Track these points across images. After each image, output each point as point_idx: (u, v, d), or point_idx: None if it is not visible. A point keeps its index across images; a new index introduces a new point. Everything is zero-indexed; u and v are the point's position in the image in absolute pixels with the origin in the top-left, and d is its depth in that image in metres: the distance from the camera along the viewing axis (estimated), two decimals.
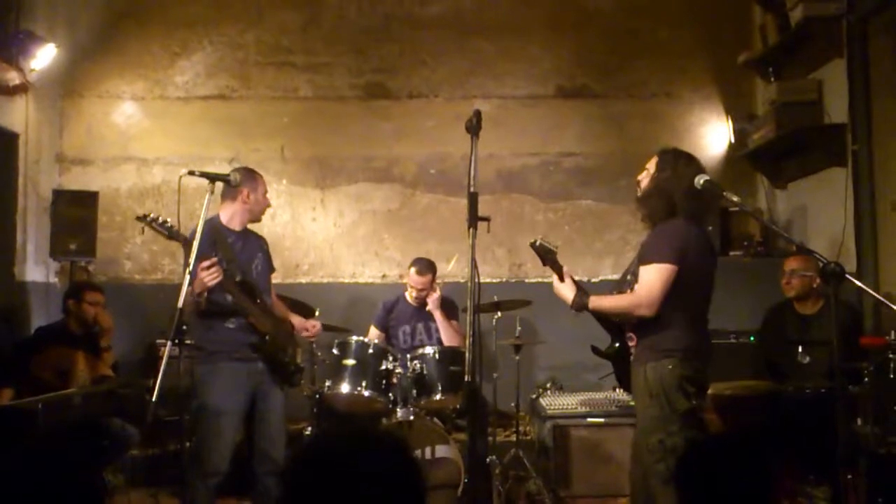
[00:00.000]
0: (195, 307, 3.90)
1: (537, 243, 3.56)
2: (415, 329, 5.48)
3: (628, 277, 3.56)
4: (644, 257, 3.42)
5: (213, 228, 4.08)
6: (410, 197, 6.75)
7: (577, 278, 3.67)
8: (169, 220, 3.80)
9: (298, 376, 4.33)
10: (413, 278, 5.44)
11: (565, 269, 3.61)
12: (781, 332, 4.91)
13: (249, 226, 4.32)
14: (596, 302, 3.51)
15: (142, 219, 3.81)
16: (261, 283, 4.22)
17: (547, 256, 3.57)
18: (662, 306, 3.33)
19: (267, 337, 4.05)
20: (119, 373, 5.17)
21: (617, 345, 3.62)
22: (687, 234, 3.39)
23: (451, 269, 5.56)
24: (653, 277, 3.34)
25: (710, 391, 3.74)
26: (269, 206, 4.35)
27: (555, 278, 3.61)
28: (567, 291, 3.56)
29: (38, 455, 1.80)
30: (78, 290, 5.18)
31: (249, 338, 4.04)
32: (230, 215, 4.20)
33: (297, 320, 4.49)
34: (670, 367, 3.32)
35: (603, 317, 3.61)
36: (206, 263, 3.76)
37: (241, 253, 4.16)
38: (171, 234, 3.78)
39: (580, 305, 3.51)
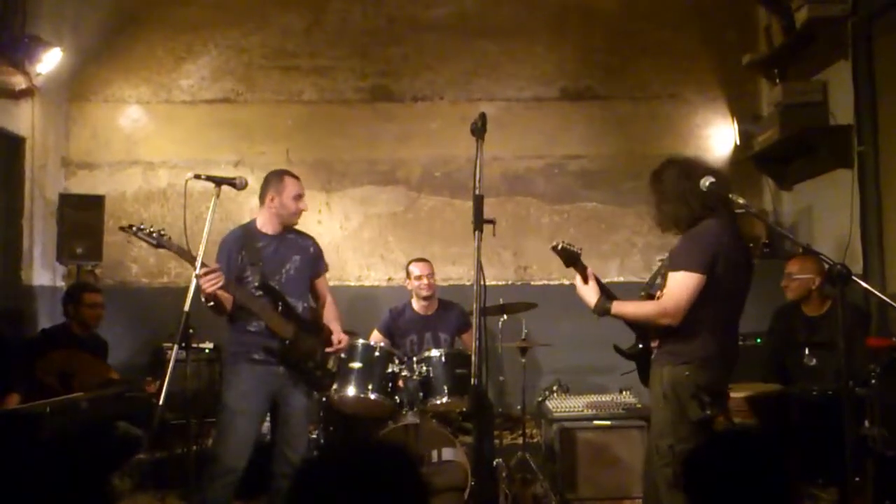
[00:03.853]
0: (213, 312, 3.96)
1: (560, 247, 3.46)
2: (422, 339, 5.47)
3: (658, 280, 3.52)
4: (674, 263, 3.35)
5: (246, 233, 4.18)
6: (415, 200, 6.76)
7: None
8: (157, 228, 3.78)
9: (328, 382, 4.35)
10: (418, 267, 5.51)
11: (590, 270, 3.52)
12: (788, 334, 4.90)
13: (299, 226, 4.35)
14: (618, 308, 3.43)
15: (126, 229, 3.79)
16: (292, 287, 4.18)
17: (570, 259, 3.49)
18: (687, 314, 3.27)
19: (287, 342, 4.05)
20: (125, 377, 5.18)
21: (640, 346, 3.59)
22: (719, 239, 3.31)
23: (457, 272, 5.56)
24: (680, 286, 3.27)
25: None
26: (301, 209, 4.25)
27: (578, 280, 3.52)
28: (590, 295, 3.47)
29: (45, 459, 1.80)
30: (75, 293, 5.18)
31: (270, 342, 4.05)
32: (263, 219, 4.22)
33: (333, 328, 4.37)
34: (687, 373, 3.28)
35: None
36: (203, 270, 3.73)
37: (271, 256, 4.15)
38: (160, 242, 3.76)
39: (602, 310, 3.43)
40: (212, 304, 3.86)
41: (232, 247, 4.12)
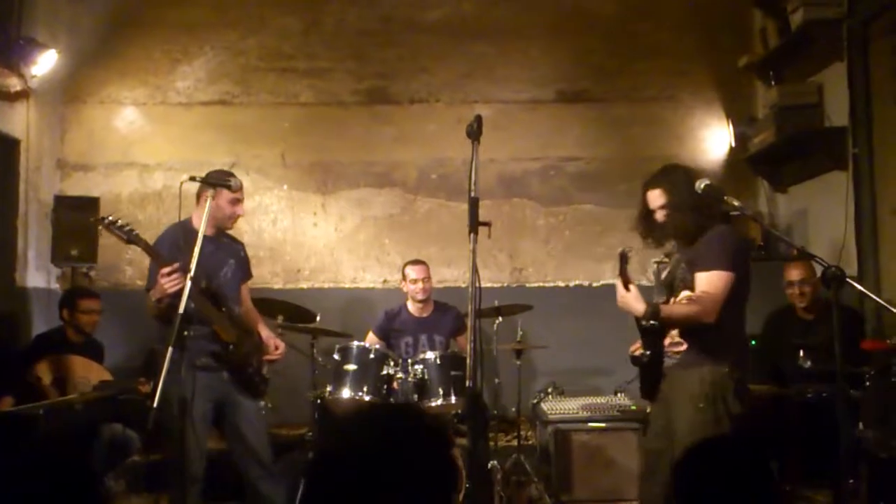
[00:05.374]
0: (157, 312, 3.83)
1: (627, 253, 3.46)
2: (417, 340, 5.48)
3: (677, 283, 3.54)
4: (702, 264, 3.41)
5: (185, 231, 3.98)
6: (411, 202, 6.75)
7: (577, 283, 3.65)
8: (129, 223, 3.74)
9: (264, 387, 4.20)
10: (414, 270, 5.53)
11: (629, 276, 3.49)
12: (783, 337, 4.91)
13: (233, 231, 4.28)
14: (667, 311, 3.43)
15: (99, 221, 3.73)
16: (228, 291, 4.12)
17: (625, 266, 3.48)
18: (720, 314, 3.37)
19: (231, 346, 3.97)
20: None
21: (648, 352, 3.56)
22: (739, 240, 3.51)
23: (452, 274, 5.56)
24: (716, 285, 3.35)
25: None
26: (237, 213, 4.15)
27: (620, 287, 3.46)
28: (637, 303, 3.41)
29: (39, 461, 1.79)
30: (71, 298, 5.16)
31: (211, 346, 3.95)
32: (199, 219, 4.03)
33: (265, 334, 4.32)
34: (727, 370, 3.36)
35: (641, 324, 3.50)
36: (166, 269, 3.68)
37: (209, 258, 3.98)
38: (130, 238, 3.70)
39: (652, 316, 3.40)
40: (163, 304, 3.75)
41: (172, 246, 3.95)
